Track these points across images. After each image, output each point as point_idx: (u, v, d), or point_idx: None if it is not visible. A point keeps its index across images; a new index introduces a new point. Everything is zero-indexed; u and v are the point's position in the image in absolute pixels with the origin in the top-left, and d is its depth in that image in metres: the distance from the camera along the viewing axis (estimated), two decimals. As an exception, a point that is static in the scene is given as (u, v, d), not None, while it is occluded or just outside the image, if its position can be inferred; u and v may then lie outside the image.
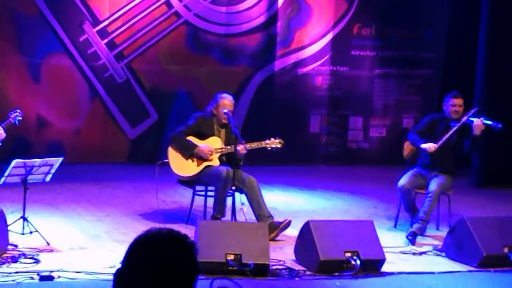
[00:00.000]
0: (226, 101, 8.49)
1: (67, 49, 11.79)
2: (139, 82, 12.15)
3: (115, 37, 11.98)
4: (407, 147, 9.18)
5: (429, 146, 8.58)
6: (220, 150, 8.42)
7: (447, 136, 8.53)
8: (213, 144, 8.44)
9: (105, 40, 11.94)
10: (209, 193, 8.50)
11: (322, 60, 12.89)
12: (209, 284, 5.83)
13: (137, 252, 2.23)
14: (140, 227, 8.01)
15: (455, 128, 8.54)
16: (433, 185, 8.49)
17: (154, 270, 2.17)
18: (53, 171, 7.61)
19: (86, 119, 11.99)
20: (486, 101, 11.38)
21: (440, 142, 8.53)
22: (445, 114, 8.74)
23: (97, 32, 11.89)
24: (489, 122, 8.54)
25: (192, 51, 12.32)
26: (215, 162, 8.41)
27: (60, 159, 7.59)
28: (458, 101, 8.68)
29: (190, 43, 12.30)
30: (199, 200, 8.60)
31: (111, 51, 11.97)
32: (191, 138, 8.45)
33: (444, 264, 7.66)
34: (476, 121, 8.48)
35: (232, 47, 12.48)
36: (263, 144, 8.49)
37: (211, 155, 8.40)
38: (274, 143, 8.51)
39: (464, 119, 8.55)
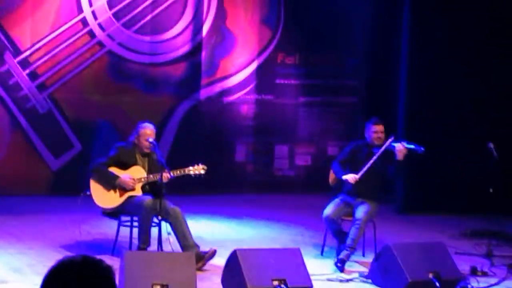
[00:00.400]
0: (148, 130, 8.44)
1: (-13, 80, 11.57)
2: (62, 112, 11.98)
3: (37, 67, 11.82)
4: (332, 175, 9.24)
5: (350, 178, 8.66)
6: (143, 180, 8.36)
7: (368, 165, 8.61)
8: (135, 174, 8.37)
9: (27, 71, 11.76)
10: (135, 224, 8.39)
11: (248, 89, 12.93)
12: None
13: (53, 281, 2.16)
14: (64, 259, 7.84)
15: (376, 156, 8.62)
16: (360, 213, 8.55)
17: None
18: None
19: (7, 151, 11.76)
20: (409, 126, 11.56)
21: (361, 172, 8.61)
22: (367, 140, 8.84)
23: (18, 62, 11.71)
24: (411, 146, 8.65)
25: (116, 81, 12.22)
26: (138, 191, 8.34)
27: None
28: (379, 127, 8.80)
29: (113, 72, 12.21)
30: (125, 231, 8.49)
31: (33, 82, 11.80)
32: (113, 169, 8.37)
33: (371, 290, 7.70)
34: (398, 146, 8.59)
35: (157, 77, 12.43)
36: (186, 171, 8.43)
37: (133, 185, 8.32)
38: (197, 169, 8.46)
39: (385, 144, 8.65)
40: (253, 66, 12.94)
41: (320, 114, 13.41)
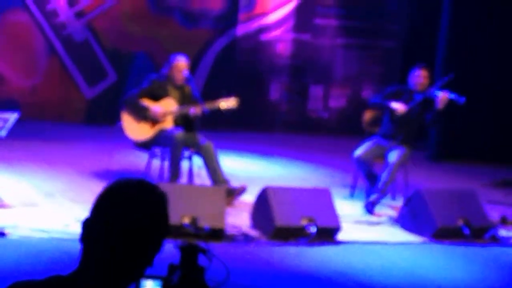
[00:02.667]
0: (181, 62, 8.38)
1: (25, 5, 11.57)
2: (99, 41, 11.98)
3: (76, -6, 11.79)
4: (368, 117, 9.18)
5: (399, 107, 8.53)
6: (174, 112, 8.32)
7: (413, 104, 8.51)
8: (167, 106, 8.34)
9: (66, -3, 11.74)
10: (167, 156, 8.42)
11: (285, 27, 12.82)
12: (173, 244, 5.76)
13: (108, 199, 2.16)
14: (95, 187, 7.91)
15: (418, 101, 8.53)
16: (393, 157, 8.49)
17: (126, 217, 2.11)
18: (8, 126, 7.47)
19: (43, 77, 11.81)
20: (447, 73, 11.42)
21: (408, 107, 8.50)
22: (410, 86, 8.70)
23: (58, -12, 11.69)
24: (453, 96, 8.54)
25: (154, 13, 12.17)
26: (169, 124, 8.33)
27: (15, 115, 7.44)
28: (424, 72, 8.67)
29: (152, 4, 12.14)
30: (156, 163, 8.51)
31: (71, 8, 11.77)
32: (145, 101, 8.35)
33: (399, 234, 7.70)
34: (440, 95, 8.48)
35: (195, 10, 12.35)
36: (218, 103, 8.36)
37: (164, 117, 8.31)
38: (229, 102, 8.40)
39: (429, 92, 8.54)
40: (292, 4, 12.81)
41: (357, 57, 13.30)
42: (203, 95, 8.68)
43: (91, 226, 2.15)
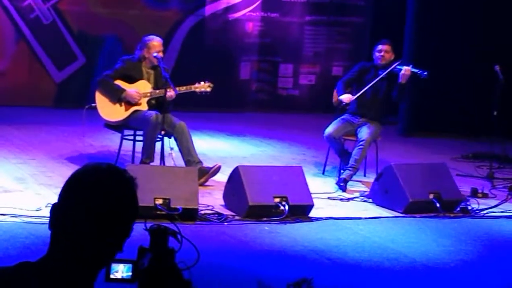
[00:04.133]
0: (155, 42, 8.35)
1: (-9, -11, 11.45)
2: (66, 24, 11.88)
3: (41, -23, 11.67)
4: (336, 95, 9.22)
5: (345, 97, 8.67)
6: (149, 94, 8.31)
7: (369, 85, 8.58)
8: (142, 88, 8.31)
9: (31, -20, 11.62)
10: (138, 138, 8.40)
11: (253, 6, 12.80)
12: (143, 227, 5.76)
13: (76, 184, 2.16)
14: (67, 170, 7.89)
15: (378, 78, 8.58)
16: (363, 134, 8.54)
17: (94, 202, 2.12)
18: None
19: (11, 61, 11.70)
20: (414, 48, 11.48)
21: (358, 94, 8.59)
22: (375, 62, 8.78)
23: (23, -29, 11.57)
24: (415, 70, 8.60)
25: (121, -6, 12.08)
26: (144, 106, 8.30)
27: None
28: (385, 47, 8.73)
29: (119, -15, 12.06)
30: (127, 145, 8.50)
31: (38, -8, 11.66)
32: (119, 82, 8.31)
33: (371, 210, 7.76)
34: (404, 70, 8.54)
35: (162, -10, 12.28)
36: (192, 88, 8.41)
37: (139, 99, 8.28)
38: (203, 86, 8.43)
39: (391, 67, 8.60)
40: (260, -18, 12.78)
41: (326, 34, 13.31)
42: (173, 75, 8.65)
43: (60, 212, 2.16)
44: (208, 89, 8.44)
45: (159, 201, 6.90)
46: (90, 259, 2.14)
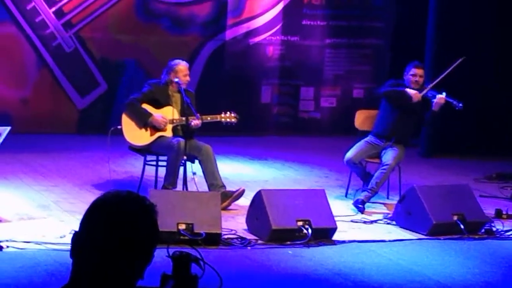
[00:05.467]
0: (181, 66, 8.37)
1: (14, 18, 11.56)
2: (88, 51, 11.98)
3: (63, 5, 11.77)
4: (360, 117, 9.21)
5: (414, 93, 8.47)
6: (174, 121, 8.32)
7: (423, 92, 8.45)
8: (168, 114, 8.33)
9: (53, 8, 11.73)
10: (161, 163, 8.42)
11: (274, 30, 12.84)
12: (165, 252, 5.77)
13: (96, 213, 2.18)
14: (90, 196, 7.92)
15: (423, 93, 8.45)
16: (388, 158, 8.47)
17: (114, 231, 2.12)
18: (0, 140, 7.46)
19: (34, 89, 11.79)
20: (436, 68, 11.44)
21: (423, 93, 8.45)
22: (405, 83, 8.66)
23: (45, 0, 11.67)
24: (451, 100, 8.51)
25: (142, 20, 12.17)
26: (169, 132, 8.32)
27: (8, 128, 7.43)
28: (419, 71, 8.63)
29: (139, 11, 12.15)
30: (150, 170, 8.52)
31: (59, 20, 11.77)
32: (145, 106, 8.35)
33: (395, 232, 7.73)
34: (438, 98, 8.43)
35: (182, 16, 12.36)
36: (218, 118, 8.44)
37: (165, 125, 8.30)
38: (229, 117, 8.46)
39: (425, 91, 8.49)
40: (280, 6, 12.82)
41: (346, 56, 13.31)
42: (195, 100, 8.67)
43: (81, 240, 2.17)
44: (234, 120, 8.47)
45: (182, 226, 6.91)
46: (111, 287, 2.14)
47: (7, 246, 6.49)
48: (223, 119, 8.45)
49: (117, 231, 2.13)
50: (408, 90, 8.48)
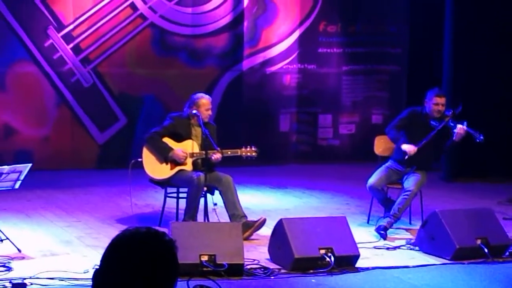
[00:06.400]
0: (204, 100, 8.42)
1: (32, 56, 11.68)
2: (106, 86, 12.07)
3: (80, 41, 11.89)
4: (379, 143, 9.19)
5: (409, 148, 8.49)
6: (194, 155, 8.35)
7: (427, 138, 8.45)
8: (189, 148, 8.36)
9: (71, 45, 11.84)
10: (181, 195, 8.44)
11: (290, 59, 12.90)
12: (186, 285, 5.77)
13: (116, 250, 2.19)
14: (113, 231, 7.94)
15: (435, 131, 8.46)
16: (410, 183, 8.44)
17: (134, 267, 2.13)
18: (22, 177, 7.50)
19: (54, 125, 11.88)
20: (453, 94, 11.44)
21: (420, 145, 8.46)
22: (426, 110, 8.63)
23: (62, 37, 11.79)
24: (471, 132, 8.47)
25: (159, 54, 12.26)
26: (189, 166, 8.35)
27: (29, 165, 7.49)
28: (441, 100, 8.58)
29: (156, 45, 12.24)
30: (171, 202, 8.54)
31: (77, 56, 11.88)
32: (166, 140, 8.39)
33: (418, 257, 7.68)
34: (459, 129, 8.37)
35: (199, 49, 12.44)
36: (238, 152, 8.47)
37: (185, 159, 8.33)
38: (249, 151, 8.49)
39: (446, 121, 8.46)
40: (295, 35, 12.89)
41: (363, 83, 13.34)
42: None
43: (101, 278, 2.18)
44: (254, 154, 8.49)
45: (205, 258, 6.91)
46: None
47: (31, 284, 6.51)
48: (243, 154, 8.48)
49: (137, 269, 2.14)
50: (403, 146, 8.49)
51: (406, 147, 8.52)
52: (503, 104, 11.73)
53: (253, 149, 8.49)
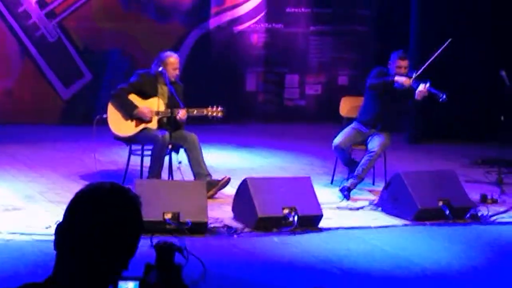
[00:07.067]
0: (172, 58, 8.33)
1: (-4, 9, 11.50)
2: (72, 40, 11.92)
3: (46, -5, 11.72)
4: (345, 104, 9.22)
5: (405, 80, 8.43)
6: (160, 113, 8.29)
7: (413, 77, 8.43)
8: (154, 106, 8.30)
9: (36, -2, 11.67)
10: (146, 152, 8.41)
11: (258, 18, 12.82)
12: (149, 242, 5.77)
13: (80, 204, 2.17)
14: (76, 187, 7.84)
15: (413, 78, 8.44)
16: (374, 144, 8.48)
17: (98, 222, 2.12)
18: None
19: (17, 79, 11.74)
20: (420, 55, 11.46)
21: (412, 79, 8.43)
22: (390, 72, 8.64)
23: (27, -10, 11.61)
24: (434, 91, 8.49)
25: (126, 9, 12.12)
26: (154, 124, 8.29)
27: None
28: (404, 62, 8.58)
29: (123, 0, 12.10)
30: (135, 160, 8.51)
31: (42, 10, 11.71)
32: (132, 97, 8.31)
33: (381, 218, 7.75)
34: (421, 88, 8.40)
35: (166, 5, 12.32)
36: (204, 112, 8.42)
37: (150, 117, 8.28)
38: (215, 111, 8.44)
39: (412, 79, 8.45)
40: (263, -6, 12.80)
41: (331, 43, 13.31)
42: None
43: (64, 232, 2.17)
44: (220, 114, 8.44)
45: (168, 216, 6.91)
46: (95, 278, 2.14)
47: (-7, 238, 6.48)
48: (209, 113, 8.44)
49: (101, 223, 2.13)
50: (397, 78, 8.46)
51: (400, 78, 8.43)
52: (470, 65, 11.77)
53: (219, 109, 8.45)
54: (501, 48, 11.64)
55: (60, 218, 2.24)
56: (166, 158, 8.26)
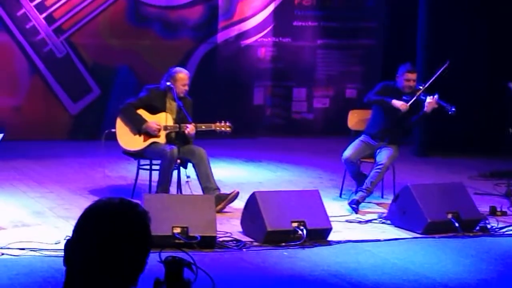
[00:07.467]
0: (182, 74, 8.36)
1: (5, 25, 11.56)
2: (80, 56, 11.97)
3: (53, 11, 11.77)
4: (353, 117, 9.22)
5: (401, 104, 8.47)
6: (168, 128, 8.31)
7: (411, 101, 8.45)
8: (163, 121, 8.33)
9: (44, 15, 11.72)
10: (154, 167, 8.42)
11: (265, 32, 12.85)
12: (158, 257, 5.76)
13: (89, 220, 2.18)
14: (85, 202, 7.91)
15: (411, 102, 8.47)
16: (383, 157, 8.47)
17: (107, 238, 2.13)
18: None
19: (26, 96, 11.78)
20: (427, 68, 11.46)
21: (410, 102, 8.44)
22: (398, 85, 8.65)
23: (35, 6, 11.66)
24: (443, 104, 8.49)
25: (133, 25, 12.17)
26: (162, 139, 8.31)
27: (1, 135, 7.43)
28: (413, 76, 8.60)
29: (130, 16, 12.15)
30: (144, 174, 8.52)
31: (50, 26, 11.77)
32: (141, 112, 8.34)
33: (390, 231, 7.73)
34: (429, 99, 8.41)
35: (174, 20, 12.36)
36: (212, 127, 8.44)
37: (159, 131, 8.30)
38: (223, 126, 8.47)
39: (418, 95, 8.47)
40: (270, 8, 12.84)
41: (338, 57, 13.33)
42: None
43: (73, 248, 2.17)
44: (228, 129, 8.47)
45: (177, 230, 6.91)
46: (104, 294, 2.15)
47: (2, 254, 6.48)
48: (217, 128, 8.46)
49: (110, 239, 2.13)
50: (394, 102, 8.49)
51: (397, 102, 8.46)
52: (476, 78, 11.76)
53: (227, 124, 8.47)
54: (510, 61, 11.63)
55: (69, 233, 2.24)
56: (175, 173, 8.27)
